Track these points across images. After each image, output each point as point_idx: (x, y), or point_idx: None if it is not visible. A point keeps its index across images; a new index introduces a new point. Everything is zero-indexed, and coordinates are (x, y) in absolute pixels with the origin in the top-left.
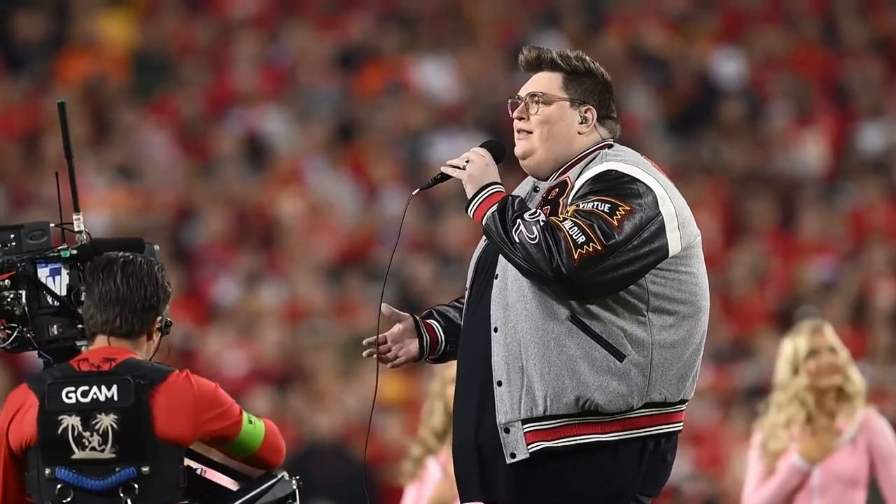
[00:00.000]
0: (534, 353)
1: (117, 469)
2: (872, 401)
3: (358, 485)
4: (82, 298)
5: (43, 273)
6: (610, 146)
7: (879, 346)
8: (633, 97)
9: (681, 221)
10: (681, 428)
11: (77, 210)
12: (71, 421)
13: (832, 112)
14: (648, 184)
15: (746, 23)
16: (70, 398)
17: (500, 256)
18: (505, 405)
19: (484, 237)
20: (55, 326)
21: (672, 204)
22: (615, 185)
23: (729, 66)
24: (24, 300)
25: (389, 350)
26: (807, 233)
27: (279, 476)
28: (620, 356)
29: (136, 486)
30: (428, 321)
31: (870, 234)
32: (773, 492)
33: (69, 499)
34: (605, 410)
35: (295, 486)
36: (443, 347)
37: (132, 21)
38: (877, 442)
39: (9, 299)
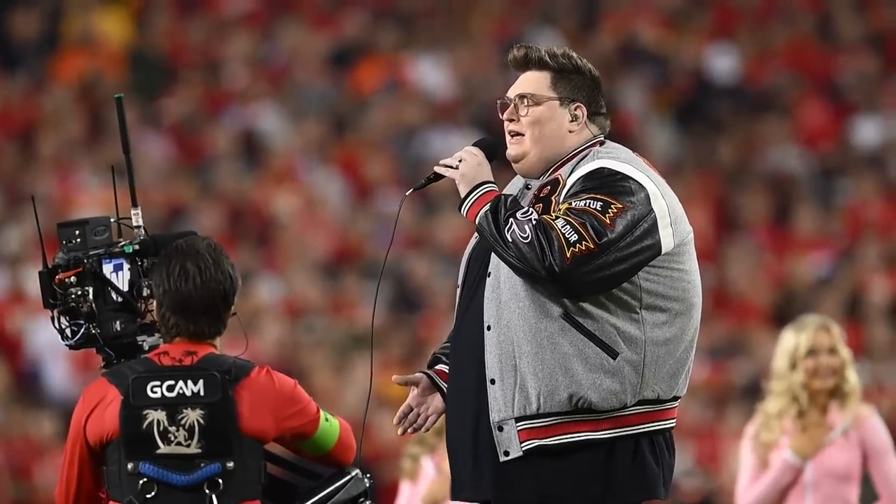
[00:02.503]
0: (527, 350)
1: (202, 464)
2: (869, 397)
3: None
4: (144, 294)
5: (107, 269)
6: (602, 143)
7: (874, 341)
8: (627, 93)
9: (673, 218)
10: (674, 424)
11: (135, 205)
12: (156, 415)
13: (827, 107)
14: (640, 181)
15: (740, 18)
16: (155, 392)
17: (493, 254)
18: (498, 403)
19: (475, 235)
20: (118, 322)
21: (664, 201)
22: (607, 183)
23: (723, 62)
24: (90, 296)
25: (419, 415)
26: (801, 228)
27: (353, 474)
28: (613, 354)
29: (220, 481)
30: (438, 368)
31: (865, 230)
32: (765, 489)
33: (153, 493)
34: (598, 408)
35: (368, 485)
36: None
37: (127, 19)
38: (869, 437)
39: (74, 296)
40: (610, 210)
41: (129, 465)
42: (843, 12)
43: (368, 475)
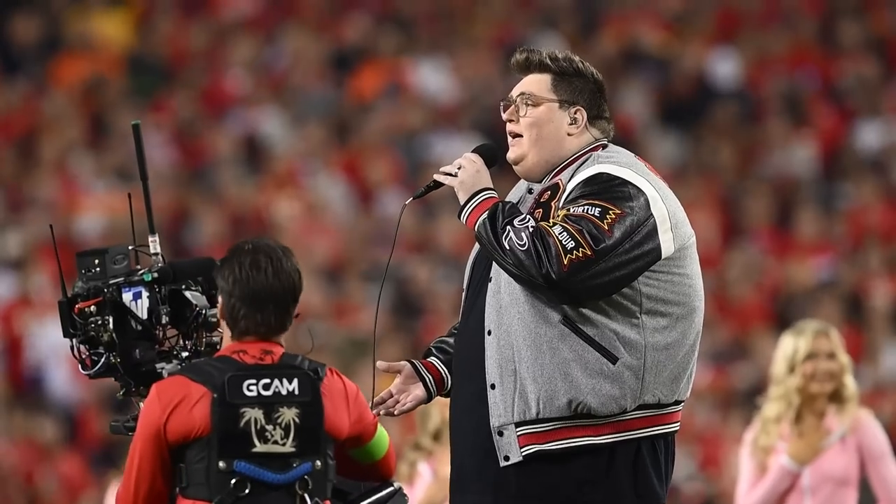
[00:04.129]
0: (526, 356)
1: (296, 463)
2: (870, 401)
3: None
4: (163, 321)
5: (127, 297)
6: (604, 146)
7: (876, 345)
8: (628, 97)
9: (674, 223)
10: (676, 428)
11: (153, 232)
12: (254, 414)
13: (829, 112)
14: (640, 186)
15: (742, 22)
16: (251, 391)
17: None
18: (498, 408)
19: None
20: (137, 350)
21: (664, 205)
22: (606, 188)
23: (725, 66)
24: (111, 326)
25: (397, 402)
26: (803, 232)
27: (396, 486)
28: (613, 359)
29: (309, 480)
30: (428, 360)
31: (867, 234)
32: (763, 494)
33: (245, 492)
34: (597, 413)
35: (408, 501)
36: (450, 382)
37: (128, 23)
38: (867, 441)
39: (94, 325)
40: (608, 216)
41: (221, 464)
42: (845, 17)
43: (406, 495)
